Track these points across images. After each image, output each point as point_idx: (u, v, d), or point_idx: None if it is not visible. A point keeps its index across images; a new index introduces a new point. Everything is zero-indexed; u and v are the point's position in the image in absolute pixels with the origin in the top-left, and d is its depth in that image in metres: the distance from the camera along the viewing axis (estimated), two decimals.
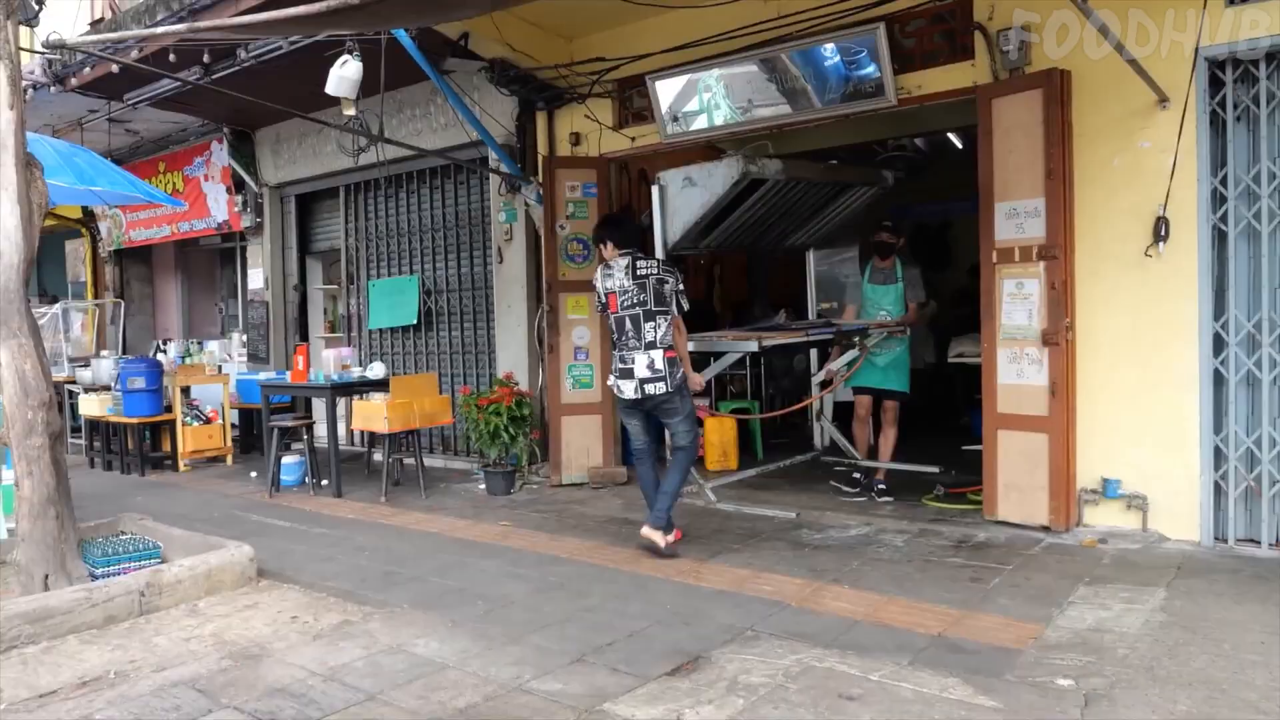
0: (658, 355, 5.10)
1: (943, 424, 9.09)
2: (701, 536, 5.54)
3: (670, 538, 5.12)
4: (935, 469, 6.44)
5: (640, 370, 5.11)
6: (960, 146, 9.37)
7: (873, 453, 6.68)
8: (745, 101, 6.51)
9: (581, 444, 7.30)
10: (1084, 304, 5.27)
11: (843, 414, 7.43)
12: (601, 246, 5.42)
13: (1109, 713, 3.07)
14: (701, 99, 6.66)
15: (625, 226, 5.46)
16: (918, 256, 12.33)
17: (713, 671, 3.50)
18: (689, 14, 6.41)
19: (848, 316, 6.72)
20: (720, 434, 7.71)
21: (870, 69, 5.87)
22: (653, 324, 5.13)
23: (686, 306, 5.29)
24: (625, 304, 5.18)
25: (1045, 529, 5.25)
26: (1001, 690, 3.25)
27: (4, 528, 5.49)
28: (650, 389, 5.11)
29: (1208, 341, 4.93)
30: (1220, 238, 4.95)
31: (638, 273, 5.18)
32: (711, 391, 8.39)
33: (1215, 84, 4.89)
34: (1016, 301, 5.36)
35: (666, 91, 6.75)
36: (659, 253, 6.03)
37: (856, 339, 6.56)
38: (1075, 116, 5.22)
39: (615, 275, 5.23)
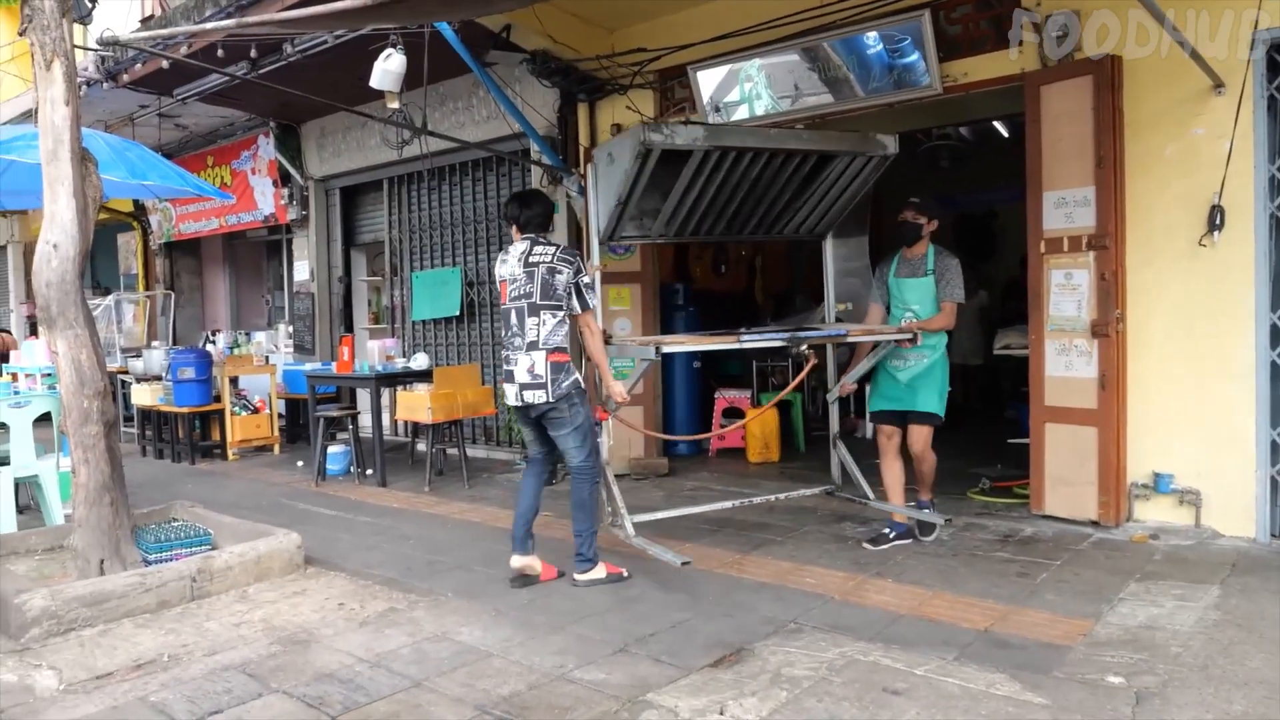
0: (539, 358, 4.41)
1: (988, 417, 8.99)
2: (746, 529, 5.52)
3: (603, 568, 4.54)
4: (941, 519, 5.14)
5: (520, 374, 4.47)
6: (1006, 135, 9.22)
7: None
8: (786, 91, 6.46)
9: (623, 435, 7.29)
10: (1135, 295, 5.17)
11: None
12: (512, 227, 4.75)
13: (1161, 711, 3.02)
14: (743, 89, 6.62)
15: (528, 205, 4.67)
16: (962, 248, 12.15)
17: (755, 663, 3.49)
18: (731, 3, 6.38)
19: (872, 319, 5.35)
20: (762, 426, 7.69)
21: (914, 57, 5.80)
22: (536, 320, 4.43)
23: (592, 303, 4.52)
24: (513, 295, 4.52)
25: (1094, 524, 5.17)
26: (1050, 687, 3.21)
27: (61, 513, 5.64)
28: (530, 396, 4.45)
29: (1264, 332, 4.81)
30: (1278, 226, 4.82)
31: (529, 260, 4.49)
32: (754, 384, 8.37)
33: (1274, 68, 4.76)
34: (1065, 292, 5.27)
35: (708, 82, 6.72)
36: (593, 240, 5.29)
37: (802, 350, 5.20)
38: (1126, 103, 5.12)
39: (509, 261, 4.58)
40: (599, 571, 4.55)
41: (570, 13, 6.87)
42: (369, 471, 7.65)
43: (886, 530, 5.11)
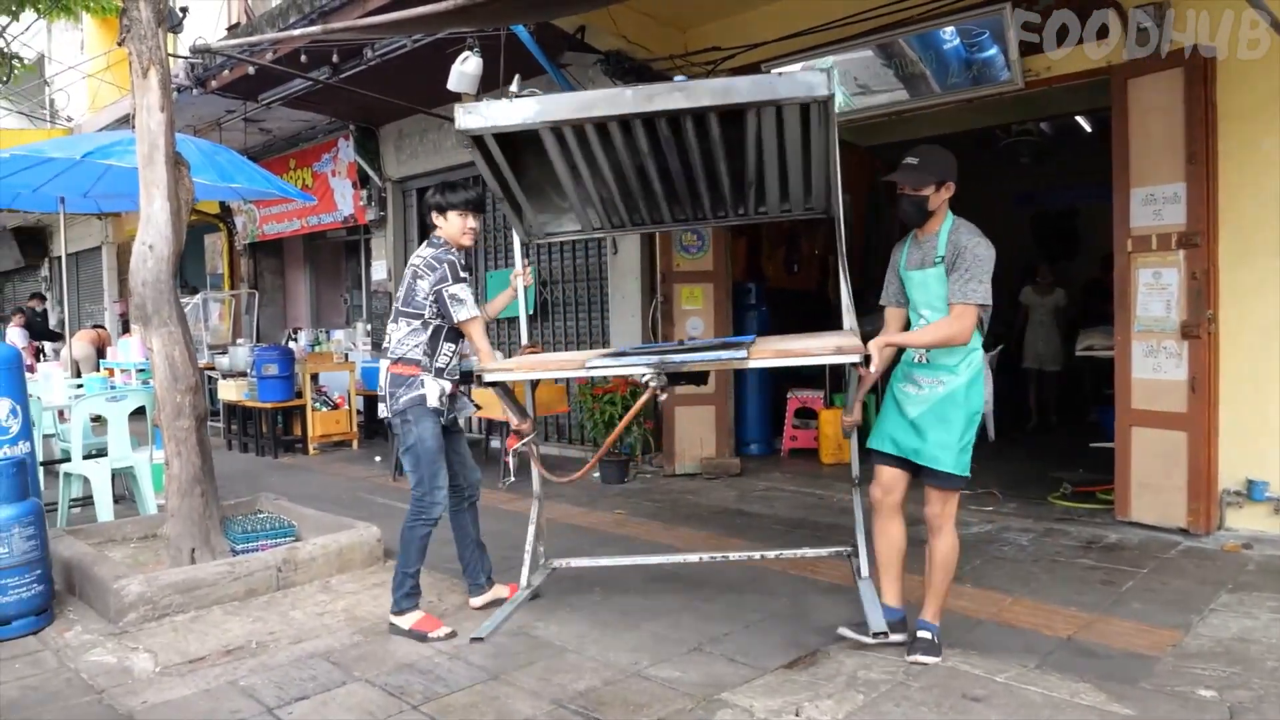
0: (383, 368, 4.11)
1: (1069, 420, 8.75)
2: (820, 530, 5.48)
3: (412, 618, 3.92)
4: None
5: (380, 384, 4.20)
6: (1089, 130, 8.97)
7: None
8: (860, 88, 6.39)
9: (695, 434, 7.31)
10: (1228, 294, 4.98)
11: None
12: None
13: None
14: None
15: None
16: (1043, 246, 11.77)
17: (831, 666, 3.46)
18: (804, 1, 6.32)
19: (889, 327, 3.71)
20: (835, 427, 7.61)
21: (993, 51, 5.68)
22: (395, 327, 4.09)
23: (461, 315, 4.03)
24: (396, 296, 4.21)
25: (1183, 531, 5.00)
26: (1137, 698, 3.12)
27: (154, 503, 5.86)
28: (382, 409, 4.19)
29: None
30: None
31: (412, 260, 4.15)
32: (826, 385, 8.28)
33: None
34: (1153, 292, 5.12)
35: None
36: (515, 241, 4.89)
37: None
38: (1219, 96, 4.94)
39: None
40: (406, 620, 3.92)
41: (644, 13, 6.90)
42: None
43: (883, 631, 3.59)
